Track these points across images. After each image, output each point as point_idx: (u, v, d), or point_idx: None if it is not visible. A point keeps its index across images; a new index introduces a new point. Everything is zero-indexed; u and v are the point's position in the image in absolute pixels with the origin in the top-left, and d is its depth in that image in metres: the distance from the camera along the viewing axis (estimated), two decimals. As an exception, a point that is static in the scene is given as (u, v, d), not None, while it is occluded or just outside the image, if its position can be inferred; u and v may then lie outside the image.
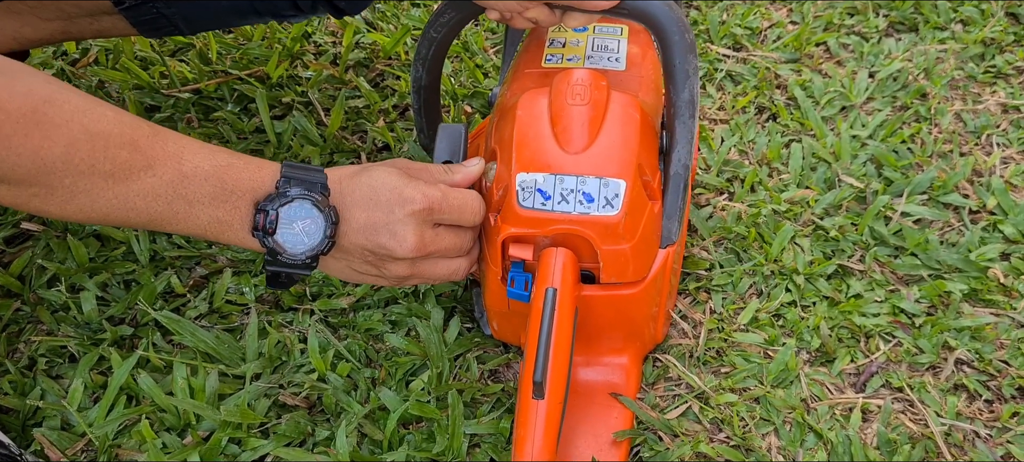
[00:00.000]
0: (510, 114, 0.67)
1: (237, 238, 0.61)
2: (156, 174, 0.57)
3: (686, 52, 0.67)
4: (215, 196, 0.59)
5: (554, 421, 0.59)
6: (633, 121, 0.65)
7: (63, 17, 0.81)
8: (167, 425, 0.71)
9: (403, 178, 0.62)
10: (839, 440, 0.70)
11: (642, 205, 0.65)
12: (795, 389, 0.74)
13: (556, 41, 0.75)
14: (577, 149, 0.64)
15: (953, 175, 0.90)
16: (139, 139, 0.57)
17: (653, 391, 0.74)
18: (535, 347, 0.58)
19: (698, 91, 0.68)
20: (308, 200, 0.60)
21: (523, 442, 0.58)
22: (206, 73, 1.02)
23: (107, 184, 0.56)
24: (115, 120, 0.56)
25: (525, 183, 0.63)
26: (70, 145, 0.54)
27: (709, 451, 0.70)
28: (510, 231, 0.64)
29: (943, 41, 1.07)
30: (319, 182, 0.61)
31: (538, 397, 0.58)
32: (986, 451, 0.70)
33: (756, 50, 1.07)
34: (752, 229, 0.85)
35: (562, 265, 0.62)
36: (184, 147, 0.59)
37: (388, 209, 0.61)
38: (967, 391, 0.74)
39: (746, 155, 0.94)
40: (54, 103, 0.54)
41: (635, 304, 0.67)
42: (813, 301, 0.80)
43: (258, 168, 0.61)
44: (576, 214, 0.63)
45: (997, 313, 0.79)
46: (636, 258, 0.65)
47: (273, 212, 0.59)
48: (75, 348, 0.76)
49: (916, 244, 0.83)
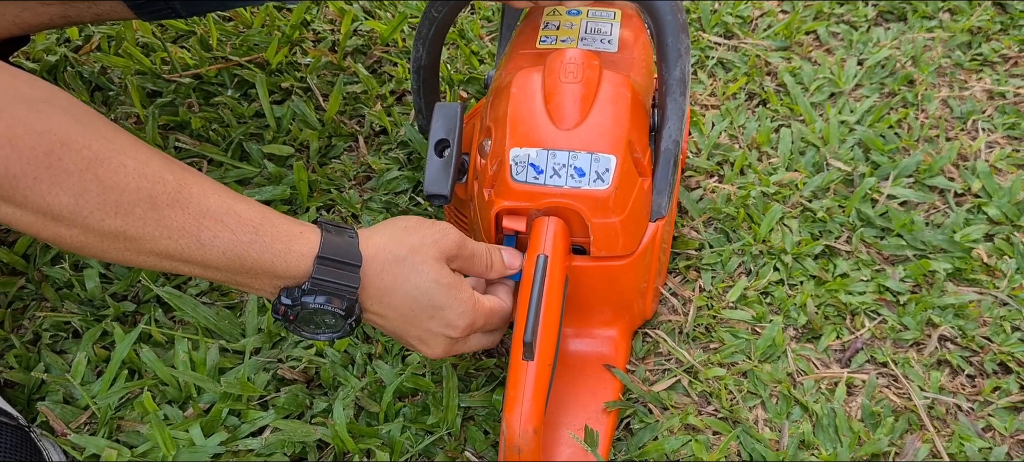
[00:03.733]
0: (505, 91, 0.69)
1: (263, 297, 0.60)
2: (171, 238, 0.53)
3: (678, 31, 0.69)
4: (232, 269, 0.55)
5: (543, 383, 0.60)
6: (624, 99, 0.67)
7: (62, 1, 0.82)
8: (169, 398, 0.73)
9: (449, 292, 0.60)
10: (824, 412, 0.72)
11: (632, 180, 0.67)
12: (782, 364, 0.76)
13: (550, 24, 0.77)
14: (569, 125, 0.65)
15: (939, 159, 0.91)
16: (158, 197, 0.53)
17: (643, 365, 0.76)
18: (526, 310, 0.60)
19: (689, 70, 0.70)
20: (332, 312, 0.57)
21: (513, 402, 0.59)
22: (207, 59, 1.04)
23: (118, 241, 0.53)
24: (135, 172, 0.52)
25: (518, 158, 0.65)
26: (79, 195, 0.50)
27: (697, 423, 0.71)
28: (503, 204, 0.66)
29: (931, 30, 1.09)
30: (350, 289, 0.57)
31: (528, 358, 0.60)
32: (968, 424, 0.72)
33: (747, 38, 1.09)
34: (741, 210, 0.87)
35: (553, 234, 0.64)
36: (206, 212, 0.54)
37: (424, 320, 0.60)
38: (950, 366, 0.76)
39: (736, 139, 0.96)
40: (71, 148, 0.50)
41: (624, 276, 0.69)
42: (800, 280, 0.82)
43: (285, 250, 0.56)
44: (568, 188, 0.65)
45: (980, 292, 0.81)
46: (626, 231, 0.67)
47: (293, 314, 0.57)
48: (78, 323, 0.78)
49: (902, 225, 0.85)
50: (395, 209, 0.89)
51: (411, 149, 0.95)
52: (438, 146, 0.68)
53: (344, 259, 0.57)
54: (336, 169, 0.93)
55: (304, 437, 0.70)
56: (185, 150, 0.93)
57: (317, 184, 0.90)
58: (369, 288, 0.59)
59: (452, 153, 0.67)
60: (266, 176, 0.91)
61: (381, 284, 0.59)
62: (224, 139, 0.94)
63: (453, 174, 0.67)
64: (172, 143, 0.94)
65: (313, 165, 0.93)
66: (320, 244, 0.57)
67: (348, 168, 0.93)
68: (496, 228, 0.68)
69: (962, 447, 0.70)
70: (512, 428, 0.59)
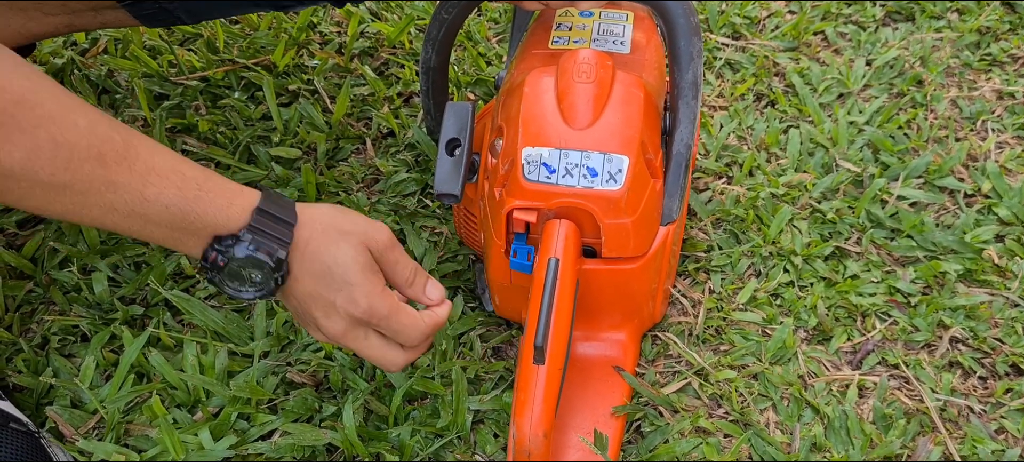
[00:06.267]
0: (517, 91, 0.68)
1: (190, 254, 0.60)
2: (117, 193, 0.55)
3: (691, 34, 0.69)
4: (173, 225, 0.57)
5: (554, 386, 0.60)
6: (637, 100, 0.67)
7: (67, 12, 0.82)
8: (177, 401, 0.73)
9: (363, 273, 0.61)
10: (836, 415, 0.71)
11: (644, 182, 0.66)
12: (793, 366, 0.75)
13: (563, 25, 0.77)
14: (582, 125, 0.65)
15: (949, 159, 0.91)
16: (107, 154, 0.54)
17: (653, 368, 0.76)
18: (537, 314, 0.60)
19: (702, 73, 0.70)
20: (261, 265, 0.58)
21: (523, 405, 0.59)
22: (214, 61, 1.04)
23: (65, 194, 0.54)
24: (86, 130, 0.53)
25: (531, 157, 0.65)
26: (32, 152, 0.51)
27: (708, 426, 0.71)
28: (515, 204, 0.65)
29: (939, 30, 1.09)
30: (282, 243, 0.59)
31: (539, 362, 0.59)
32: (980, 426, 0.71)
33: (755, 39, 1.08)
34: (751, 211, 0.87)
35: (565, 237, 0.64)
36: (152, 169, 0.56)
37: (332, 292, 0.60)
38: (962, 368, 0.76)
39: (744, 141, 0.96)
40: (24, 105, 0.51)
41: (635, 279, 0.69)
42: (810, 281, 0.82)
43: (227, 204, 0.58)
44: (580, 188, 0.64)
45: (992, 293, 0.80)
46: (637, 233, 0.66)
47: (223, 260, 0.58)
48: (87, 327, 0.78)
49: (912, 226, 0.85)
50: (403, 211, 0.88)
51: (419, 151, 0.95)
52: (449, 145, 0.68)
53: (280, 216, 0.59)
54: (344, 172, 0.93)
55: (313, 441, 0.69)
56: (192, 153, 0.93)
57: (325, 186, 0.90)
58: (297, 248, 0.60)
59: (463, 152, 0.67)
60: (273, 179, 0.91)
61: (307, 249, 0.60)
62: (231, 142, 0.94)
63: (464, 173, 0.67)
64: (179, 146, 0.94)
65: (321, 168, 0.93)
66: (260, 199, 0.60)
67: (356, 170, 0.93)
68: (507, 228, 0.67)
69: (974, 449, 0.69)
70: (523, 431, 0.59)
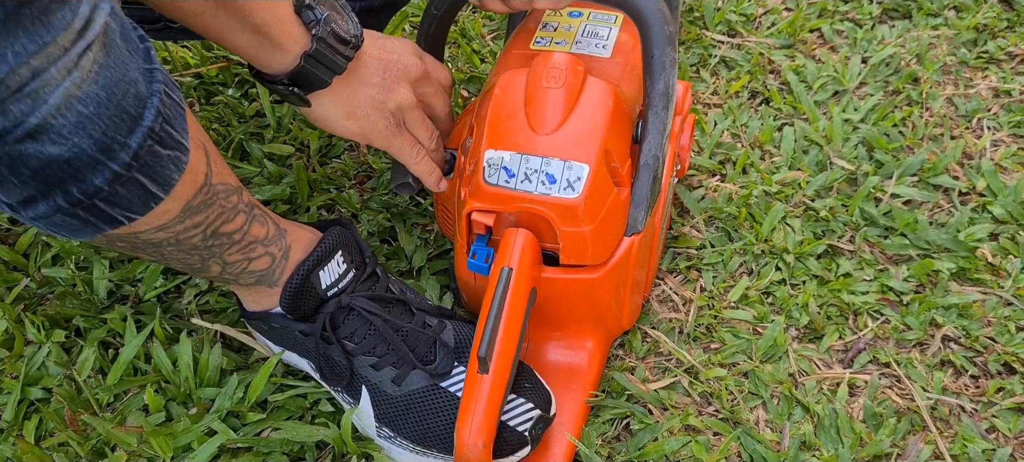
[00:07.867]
0: (489, 92, 0.69)
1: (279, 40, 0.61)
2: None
3: (665, 44, 0.67)
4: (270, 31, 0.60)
5: (497, 397, 0.61)
6: (605, 107, 0.66)
7: None
8: (171, 396, 0.73)
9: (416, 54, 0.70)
10: (826, 413, 0.71)
11: (606, 190, 0.65)
12: (783, 364, 0.75)
13: (549, 25, 0.77)
14: (546, 130, 0.65)
15: (943, 157, 0.91)
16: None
17: (643, 365, 0.76)
18: (484, 323, 0.60)
19: (674, 84, 0.69)
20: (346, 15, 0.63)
21: (465, 413, 0.60)
22: (208, 58, 1.04)
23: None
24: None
25: (492, 160, 0.65)
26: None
27: (698, 423, 0.71)
28: (475, 205, 0.66)
29: (936, 27, 1.08)
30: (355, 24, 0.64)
31: (483, 372, 0.60)
32: (971, 425, 0.71)
33: (750, 36, 1.08)
34: (743, 209, 0.86)
35: (521, 247, 0.64)
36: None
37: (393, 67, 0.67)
38: (954, 367, 0.76)
39: (739, 138, 0.96)
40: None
41: (596, 289, 0.68)
42: (803, 280, 0.82)
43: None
44: (537, 194, 0.64)
45: (985, 291, 0.80)
46: (596, 242, 0.66)
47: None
48: (82, 323, 0.78)
49: (906, 224, 0.85)
50: (395, 208, 0.88)
51: (412, 148, 0.95)
52: None
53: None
54: (336, 168, 0.93)
55: (304, 438, 0.69)
56: (186, 150, 0.93)
57: (317, 184, 0.90)
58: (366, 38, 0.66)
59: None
60: (266, 175, 0.91)
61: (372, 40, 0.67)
62: (224, 138, 0.94)
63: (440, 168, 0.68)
64: (173, 143, 0.94)
65: (313, 165, 0.93)
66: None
67: (348, 167, 0.93)
68: (468, 229, 0.68)
69: (965, 448, 0.69)
70: (462, 440, 0.60)
